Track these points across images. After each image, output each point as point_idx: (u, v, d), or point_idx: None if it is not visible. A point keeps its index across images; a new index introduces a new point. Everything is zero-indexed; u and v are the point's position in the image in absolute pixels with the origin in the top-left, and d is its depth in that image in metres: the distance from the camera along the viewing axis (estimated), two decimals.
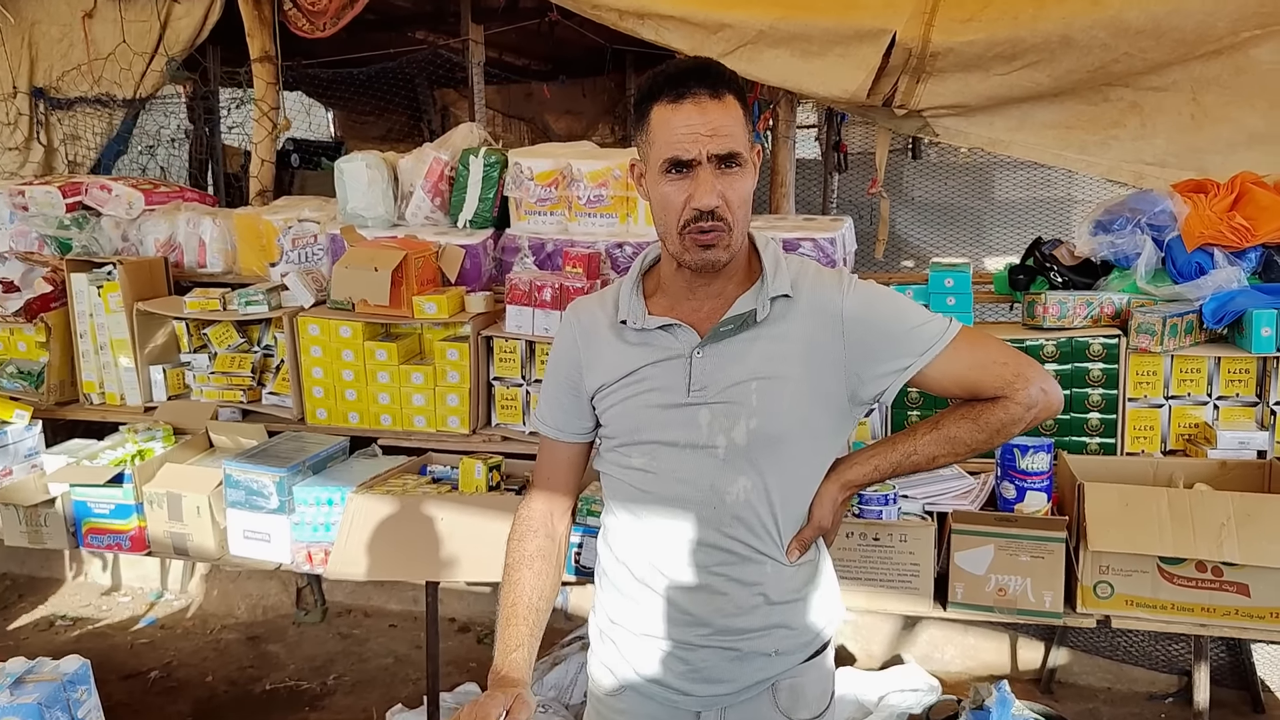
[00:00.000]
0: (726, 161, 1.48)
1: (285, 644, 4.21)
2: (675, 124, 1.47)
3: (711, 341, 1.57)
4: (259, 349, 3.60)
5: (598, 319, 1.68)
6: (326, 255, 3.57)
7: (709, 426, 1.57)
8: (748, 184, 1.52)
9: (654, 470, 1.61)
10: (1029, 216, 6.35)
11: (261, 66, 4.31)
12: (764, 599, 1.61)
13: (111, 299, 3.54)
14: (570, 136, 7.56)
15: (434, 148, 3.57)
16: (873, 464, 1.64)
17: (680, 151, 1.47)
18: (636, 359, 1.61)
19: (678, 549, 1.61)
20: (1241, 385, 2.83)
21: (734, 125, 1.48)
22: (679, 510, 1.60)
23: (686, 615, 1.61)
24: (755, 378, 1.56)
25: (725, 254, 1.53)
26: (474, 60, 5.32)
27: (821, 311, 1.58)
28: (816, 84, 3.54)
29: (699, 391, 1.57)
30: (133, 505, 3.05)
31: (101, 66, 4.70)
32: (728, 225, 1.50)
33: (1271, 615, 2.38)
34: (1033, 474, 2.50)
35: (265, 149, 4.36)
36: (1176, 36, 3.23)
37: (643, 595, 1.65)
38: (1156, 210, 2.93)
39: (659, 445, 1.60)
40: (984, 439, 1.60)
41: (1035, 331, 2.88)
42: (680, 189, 1.48)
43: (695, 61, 1.50)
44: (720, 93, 1.48)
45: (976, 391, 1.60)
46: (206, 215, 3.84)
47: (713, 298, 1.60)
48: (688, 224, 1.49)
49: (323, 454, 3.12)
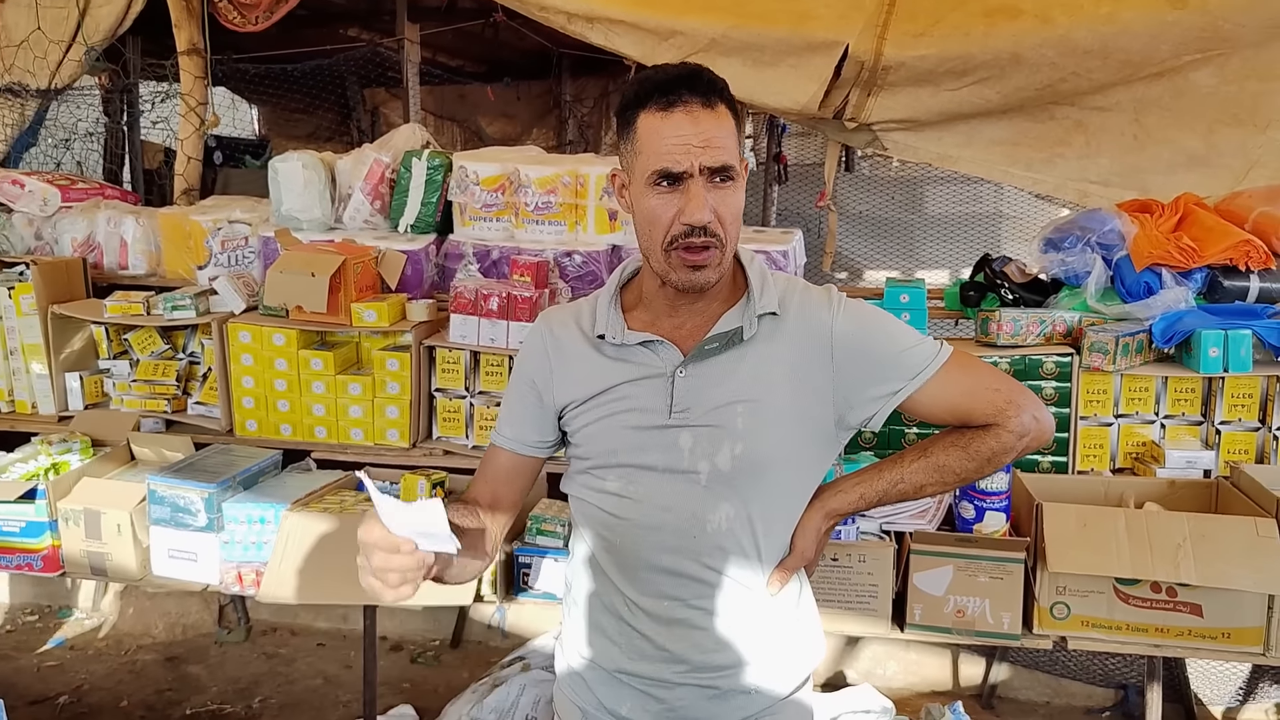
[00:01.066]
0: (719, 175, 1.39)
1: (207, 665, 4.01)
2: (665, 133, 1.38)
3: (695, 360, 1.49)
4: (185, 356, 3.42)
5: (572, 331, 1.59)
6: (258, 259, 3.42)
7: (691, 451, 1.48)
8: (739, 199, 1.43)
9: (630, 496, 1.51)
10: (959, 230, 6.44)
11: (189, 60, 4.12)
12: (744, 633, 1.53)
13: (24, 301, 3.32)
14: (505, 140, 7.46)
15: (374, 149, 3.44)
16: (858, 492, 1.57)
17: (670, 163, 1.38)
18: (614, 375, 1.52)
19: (655, 580, 1.52)
20: (1187, 404, 2.86)
21: (727, 136, 1.40)
22: (656, 539, 1.50)
23: (663, 651, 1.52)
24: (741, 400, 1.48)
25: (714, 274, 1.44)
26: (409, 60, 5.19)
27: (810, 331, 1.51)
28: (768, 95, 3.50)
29: (681, 413, 1.48)
30: (46, 523, 2.86)
31: (14, 54, 4.45)
32: (720, 242, 1.41)
33: (1223, 635, 2.39)
34: (992, 494, 2.47)
35: (192, 146, 4.16)
36: (1122, 58, 3.28)
37: (617, 630, 1.55)
38: (1105, 229, 2.95)
39: (636, 469, 1.51)
40: (974, 468, 1.54)
41: (989, 349, 2.87)
42: (669, 203, 1.39)
43: (687, 67, 1.42)
44: (713, 101, 1.40)
45: (967, 418, 1.54)
46: (129, 214, 3.64)
47: (696, 315, 1.52)
48: (675, 240, 1.40)
49: (254, 468, 2.96)
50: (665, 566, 1.51)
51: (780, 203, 5.93)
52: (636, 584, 1.53)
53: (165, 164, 5.49)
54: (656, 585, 1.52)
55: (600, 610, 1.58)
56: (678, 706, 1.54)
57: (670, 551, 1.50)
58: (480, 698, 3.26)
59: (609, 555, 1.55)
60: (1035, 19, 3.25)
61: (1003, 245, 6.11)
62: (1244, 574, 2.26)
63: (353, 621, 4.16)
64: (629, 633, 1.54)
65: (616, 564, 1.54)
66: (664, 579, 1.51)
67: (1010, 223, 6.32)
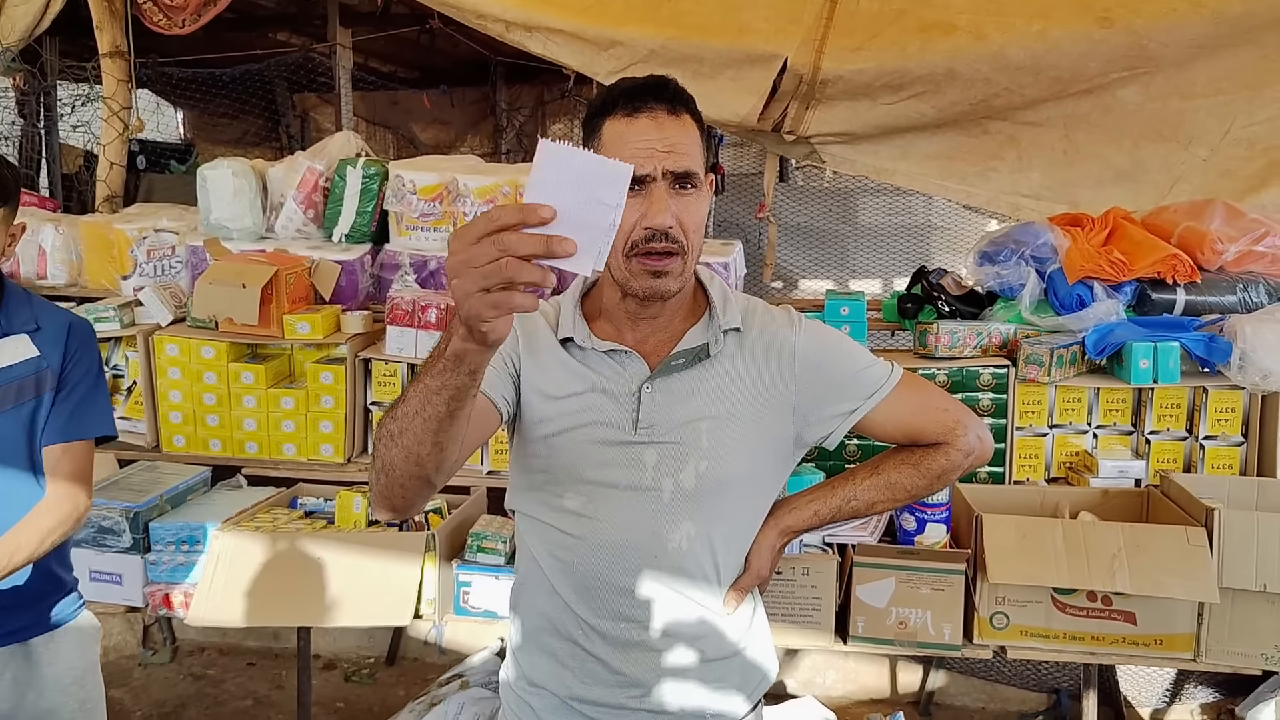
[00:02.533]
0: (682, 181, 1.37)
1: (130, 688, 3.87)
2: (630, 138, 1.36)
3: (661, 375, 1.46)
4: (108, 370, 3.29)
5: (538, 327, 1.52)
6: (186, 269, 3.31)
7: (655, 469, 1.45)
8: (703, 209, 1.41)
9: (590, 515, 1.46)
10: (890, 241, 6.52)
11: (112, 62, 3.99)
12: (701, 655, 1.50)
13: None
14: (438, 147, 7.38)
15: (307, 156, 3.36)
16: (812, 509, 1.58)
17: (635, 167, 1.35)
18: (581, 382, 1.47)
19: (612, 601, 1.48)
20: (1119, 414, 2.93)
21: (691, 144, 1.38)
22: (617, 560, 1.46)
23: (619, 676, 1.49)
24: (705, 417, 1.46)
25: (676, 283, 1.41)
26: (341, 66, 5.10)
27: (773, 349, 1.51)
28: (708, 106, 3.46)
29: (646, 429, 1.44)
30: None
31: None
32: (682, 249, 1.39)
33: (1155, 642, 2.44)
34: (933, 506, 2.49)
35: (115, 151, 4.03)
36: (1053, 74, 3.35)
37: (569, 653, 1.51)
38: (1039, 242, 3.01)
39: (597, 487, 1.46)
40: (924, 485, 1.57)
41: (927, 360, 2.90)
42: (632, 207, 1.35)
43: (654, 78, 1.41)
44: (678, 110, 1.38)
45: (918, 437, 1.57)
46: (48, 221, 3.50)
47: (659, 331, 1.49)
48: (637, 245, 1.37)
49: (181, 486, 2.86)
50: (624, 587, 1.47)
51: (718, 213, 5.95)
52: (593, 606, 1.48)
53: (85, 169, 5.32)
54: (614, 607, 1.48)
55: (551, 634, 1.53)
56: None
57: (630, 572, 1.46)
58: (417, 717, 3.19)
59: (564, 576, 1.49)
60: (970, 35, 3.31)
61: (933, 255, 6.21)
62: (1176, 582, 2.31)
63: (284, 640, 4.04)
64: (582, 656, 1.50)
65: (572, 585, 1.49)
66: (622, 600, 1.47)
67: (940, 233, 6.43)
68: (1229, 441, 2.84)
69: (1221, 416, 2.83)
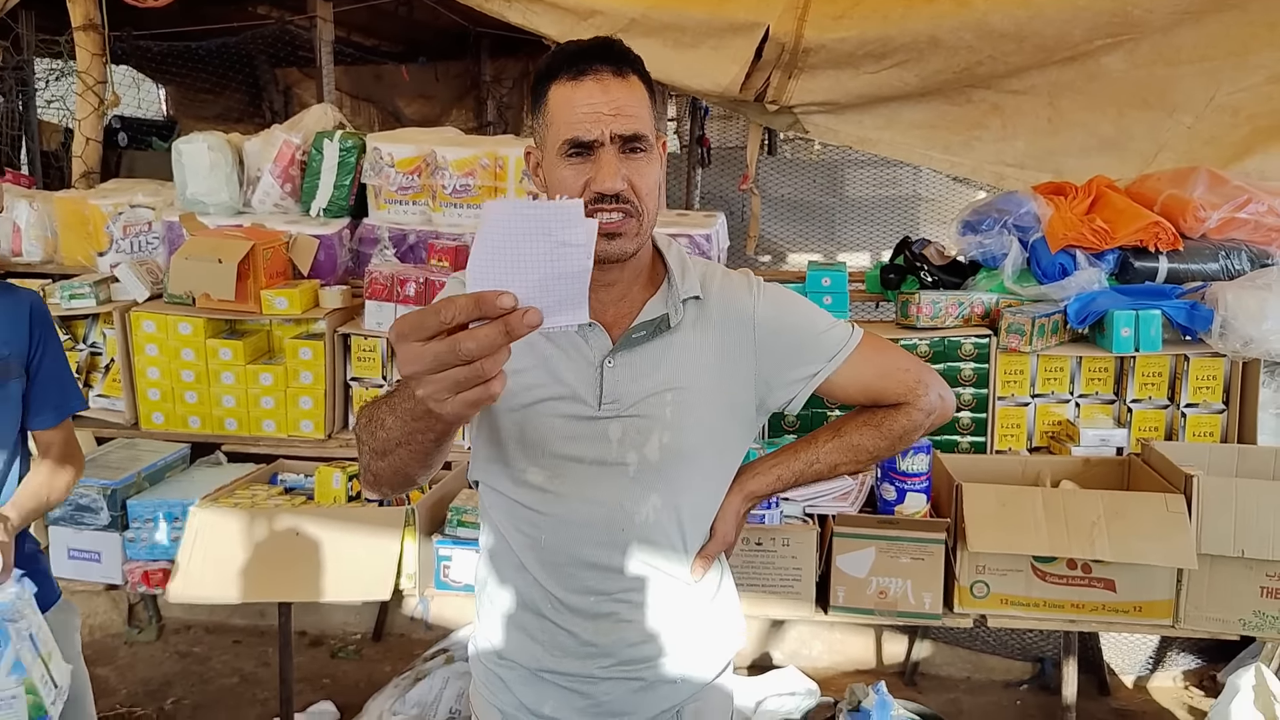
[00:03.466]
0: (631, 144, 1.35)
1: (116, 666, 3.86)
2: (576, 102, 1.33)
3: (623, 349, 1.44)
4: (85, 347, 3.27)
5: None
6: (163, 245, 3.28)
7: (620, 442, 1.43)
8: (655, 170, 1.38)
9: (555, 490, 1.44)
10: (878, 213, 6.50)
11: (85, 35, 3.93)
12: (670, 624, 1.50)
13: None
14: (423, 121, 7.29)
15: (284, 130, 3.32)
16: (775, 474, 1.57)
17: (580, 131, 1.33)
18: (543, 355, 1.43)
19: (581, 576, 1.47)
20: (1101, 383, 2.92)
21: (639, 106, 1.36)
22: (584, 534, 1.45)
23: (589, 646, 1.48)
24: (669, 388, 1.44)
25: (632, 244, 1.38)
26: (322, 38, 5.03)
27: (732, 316, 1.49)
28: (689, 76, 3.47)
29: (611, 404, 1.43)
30: None
31: None
32: (635, 210, 1.36)
33: (1134, 609, 2.44)
34: (913, 475, 2.49)
35: (90, 126, 3.98)
36: (1037, 41, 3.32)
37: (538, 627, 1.50)
38: (1022, 211, 2.99)
39: (563, 461, 1.43)
40: (886, 446, 1.57)
41: (909, 331, 2.89)
42: (580, 172, 1.34)
43: (598, 40, 1.38)
44: (624, 71, 1.36)
45: (880, 398, 1.56)
46: (22, 198, 3.46)
47: (617, 301, 1.46)
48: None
49: (160, 463, 2.85)
50: (592, 561, 1.46)
51: (703, 186, 5.91)
52: (562, 580, 1.47)
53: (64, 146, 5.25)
54: (582, 581, 1.47)
55: (520, 608, 1.52)
56: (603, 701, 1.50)
57: (598, 546, 1.46)
58: (402, 692, 3.20)
59: (531, 552, 1.48)
60: (953, 2, 3.27)
61: (920, 227, 6.18)
62: (1155, 549, 2.31)
63: (270, 618, 4.03)
64: (552, 629, 1.49)
65: (539, 560, 1.48)
66: (590, 574, 1.46)
67: (927, 205, 6.40)
68: (1210, 409, 2.83)
69: (1203, 384, 2.83)
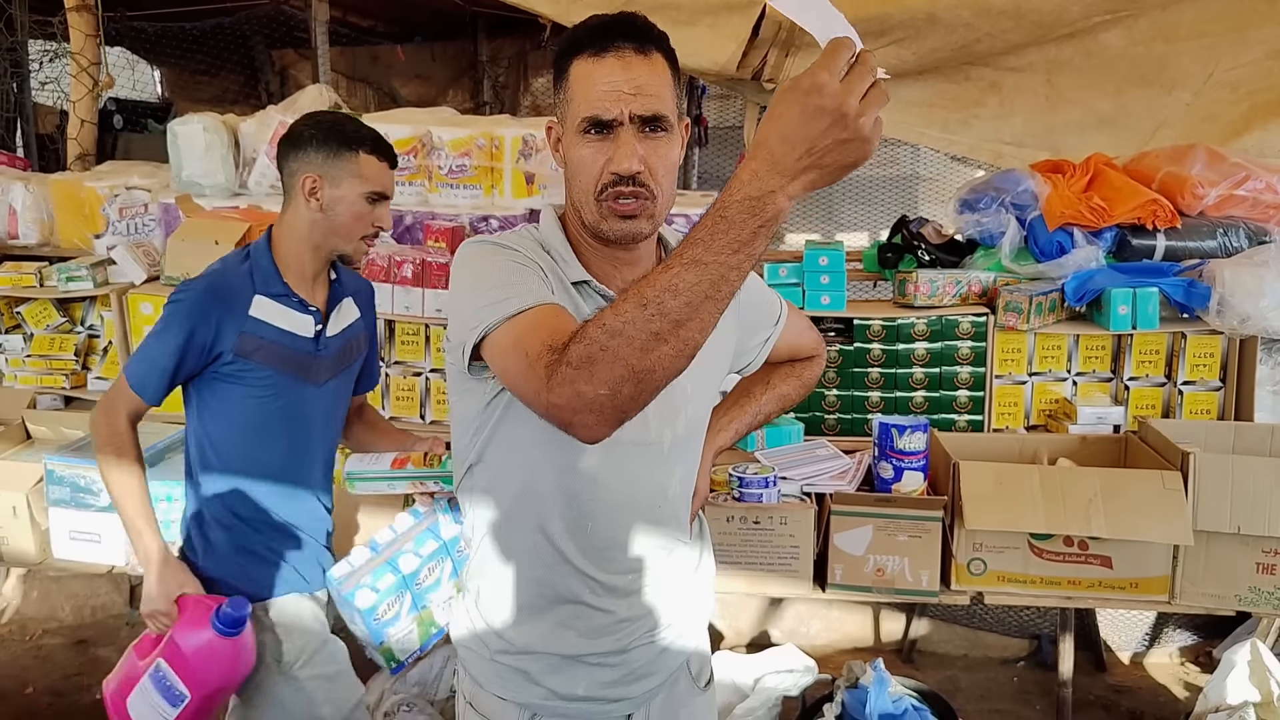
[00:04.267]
0: (650, 124, 1.33)
1: (117, 647, 3.87)
2: (596, 79, 1.31)
3: None
4: (83, 329, 3.27)
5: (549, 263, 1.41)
6: (159, 227, 3.28)
7: (656, 420, 1.44)
8: (674, 151, 1.37)
9: (606, 477, 1.42)
10: (877, 193, 6.48)
11: (78, 16, 3.91)
12: (680, 587, 1.58)
13: None
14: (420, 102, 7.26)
15: (279, 110, 3.31)
16: (733, 429, 1.77)
17: (600, 110, 1.31)
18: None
19: (621, 557, 1.47)
20: (1098, 362, 2.92)
21: (660, 85, 1.33)
22: (630, 517, 1.46)
23: (625, 623, 1.51)
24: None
25: (648, 225, 1.37)
26: (317, 19, 5.00)
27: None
28: (686, 54, 3.38)
29: None
30: None
31: None
32: (650, 193, 1.35)
33: (1131, 585, 2.45)
34: (910, 453, 2.49)
35: (85, 108, 3.96)
36: (1034, 19, 3.30)
37: (574, 615, 1.48)
38: (1019, 189, 2.98)
39: (612, 445, 1.28)
40: (801, 394, 1.84)
41: (907, 310, 2.89)
42: (599, 151, 1.33)
43: (624, 15, 1.35)
44: (647, 49, 1.33)
45: (796, 353, 1.79)
46: (18, 180, 3.45)
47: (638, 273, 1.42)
48: (605, 189, 1.33)
49: (160, 445, 2.85)
50: (633, 541, 1.48)
51: (700, 165, 5.90)
52: (604, 564, 1.47)
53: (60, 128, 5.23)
54: (623, 562, 1.48)
55: (553, 601, 1.48)
56: (634, 668, 1.54)
57: (637, 526, 1.48)
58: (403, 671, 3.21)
59: (573, 541, 1.45)
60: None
61: (920, 207, 6.17)
62: (1151, 525, 2.32)
63: None
64: (589, 613, 1.48)
65: (581, 548, 1.45)
66: (631, 554, 1.49)
67: (927, 184, 6.39)
68: (1207, 386, 2.84)
69: (1200, 362, 2.83)
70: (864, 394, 2.91)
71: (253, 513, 2.08)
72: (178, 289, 2.02)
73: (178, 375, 2.00)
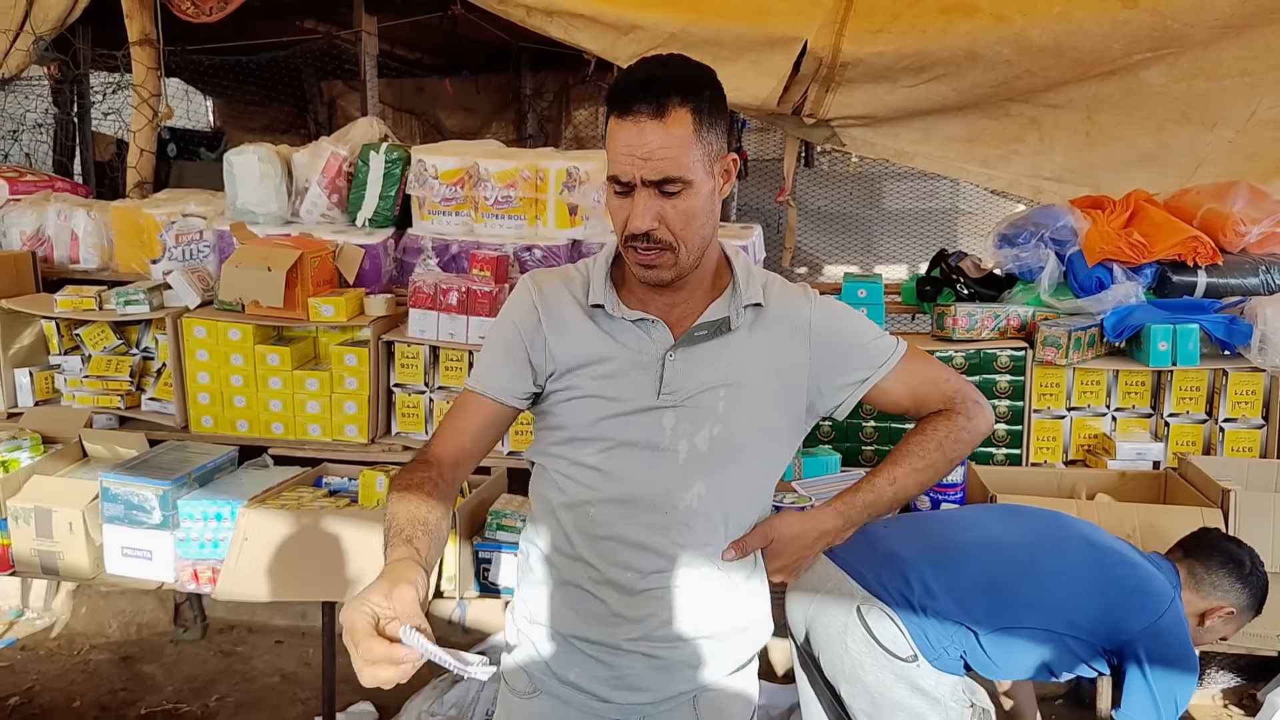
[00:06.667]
0: (663, 186, 1.42)
1: (162, 664, 3.95)
2: (618, 141, 1.42)
3: (684, 345, 1.53)
4: (138, 351, 3.37)
5: (563, 296, 1.59)
6: (213, 253, 3.37)
7: (673, 430, 1.53)
8: (695, 203, 1.44)
9: (608, 470, 1.54)
10: (916, 226, 6.51)
11: (141, 50, 4.05)
12: (697, 608, 1.57)
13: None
14: (465, 134, 7.40)
15: (331, 142, 3.40)
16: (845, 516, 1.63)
17: (619, 171, 1.43)
18: (608, 349, 1.54)
19: (623, 554, 1.55)
20: (1137, 397, 2.92)
21: (677, 148, 1.40)
22: (630, 513, 1.54)
23: (618, 617, 1.56)
24: (723, 384, 1.53)
25: (669, 273, 1.49)
26: (367, 53, 5.14)
27: (789, 321, 1.58)
28: (728, 90, 3.39)
29: (668, 395, 1.52)
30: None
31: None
32: (669, 246, 1.45)
33: None
34: (948, 487, 2.51)
35: (145, 138, 4.10)
36: (1075, 56, 3.33)
37: (576, 597, 1.58)
38: (1059, 225, 3.00)
39: (619, 445, 1.54)
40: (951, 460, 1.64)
41: (945, 343, 2.91)
42: (623, 206, 1.46)
43: (647, 71, 1.42)
44: (664, 110, 1.39)
45: (922, 404, 1.66)
46: (80, 207, 3.58)
47: (681, 303, 1.56)
48: (628, 239, 1.47)
49: (209, 465, 2.92)
50: (636, 541, 1.54)
51: (740, 198, 5.96)
52: (604, 556, 1.55)
53: (117, 156, 5.41)
54: (624, 558, 1.55)
55: (560, 580, 1.60)
56: (625, 674, 1.57)
57: (641, 526, 1.54)
58: (441, 693, 3.25)
59: (577, 529, 1.57)
60: (991, 17, 3.29)
61: (959, 240, 6.18)
62: None
63: (311, 619, 4.11)
64: (588, 599, 1.57)
65: (585, 536, 1.56)
66: (632, 553, 1.54)
67: (966, 218, 6.40)
68: (1249, 424, 2.82)
69: (1242, 399, 2.82)
70: (901, 426, 2.92)
71: None
72: None
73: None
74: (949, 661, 2.00)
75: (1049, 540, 2.09)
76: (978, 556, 2.05)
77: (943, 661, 1.99)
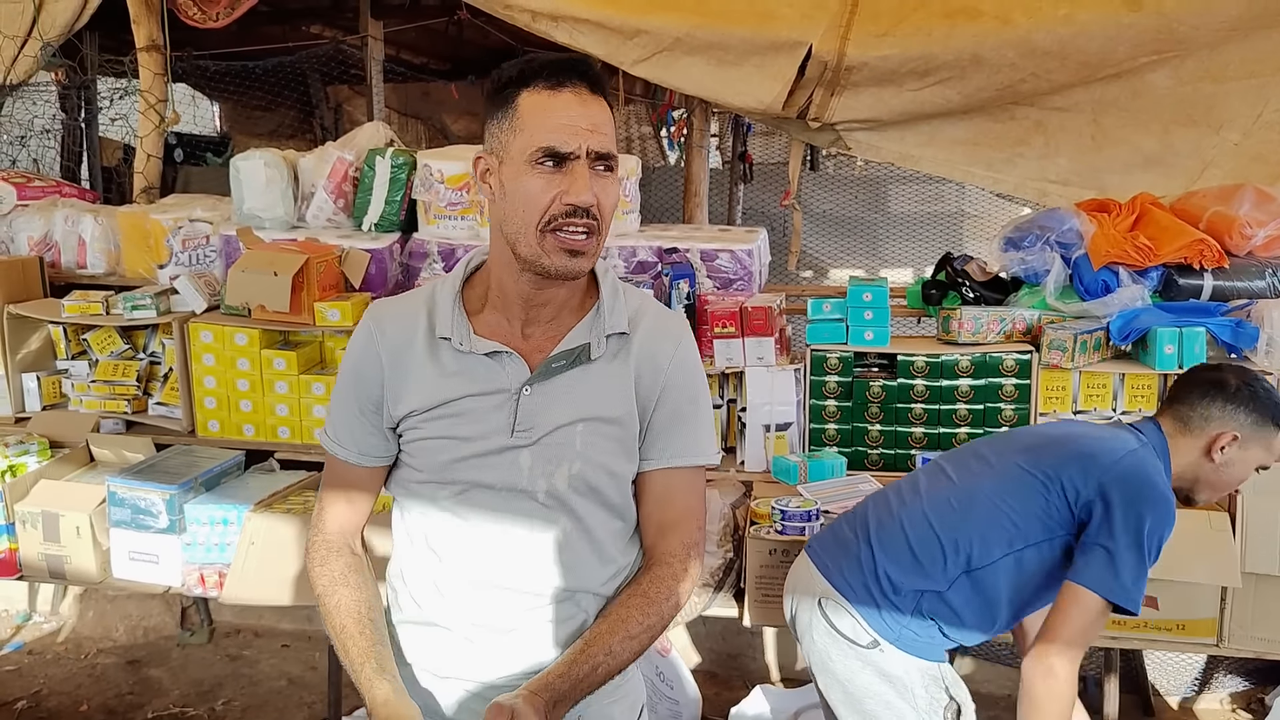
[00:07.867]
0: (602, 162, 1.38)
1: (169, 668, 3.97)
2: (554, 110, 1.35)
3: (541, 379, 1.45)
4: (145, 356, 3.37)
5: (408, 331, 1.49)
6: (220, 257, 3.38)
7: (530, 470, 1.45)
8: (618, 190, 1.43)
9: (464, 514, 1.47)
10: (922, 229, 6.49)
11: (148, 56, 4.07)
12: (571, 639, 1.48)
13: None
14: (470, 138, 7.41)
15: (337, 147, 3.41)
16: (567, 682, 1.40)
17: (559, 142, 1.34)
18: (456, 388, 1.45)
19: (485, 595, 1.48)
20: (1144, 400, 2.91)
21: (610, 127, 1.38)
22: (490, 555, 1.47)
23: (492, 657, 1.49)
24: (581, 419, 1.46)
25: (588, 262, 1.41)
26: (373, 57, 5.15)
27: (651, 359, 1.50)
28: (732, 94, 3.52)
29: (523, 432, 1.45)
30: (2, 525, 2.82)
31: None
32: (598, 229, 1.39)
33: (1177, 627, 2.44)
34: None
35: (151, 143, 4.11)
36: (1080, 59, 3.32)
37: (440, 637, 1.51)
38: (1064, 228, 3.00)
39: (475, 487, 1.46)
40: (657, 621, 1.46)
41: (950, 346, 2.91)
42: (551, 183, 1.35)
43: (573, 56, 1.41)
44: (598, 91, 1.39)
45: (661, 527, 1.52)
46: (87, 212, 3.59)
47: (545, 322, 1.48)
48: (555, 220, 1.36)
49: (216, 469, 2.94)
50: (498, 582, 1.48)
51: (745, 202, 5.96)
52: (466, 596, 1.49)
53: (124, 161, 5.42)
54: (487, 599, 1.48)
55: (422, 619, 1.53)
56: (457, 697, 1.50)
57: (504, 567, 1.47)
58: None
59: (439, 567, 1.50)
60: (995, 20, 3.29)
61: (965, 244, 6.17)
62: (1198, 566, 2.31)
63: (317, 623, 4.09)
64: (454, 640, 1.50)
65: (448, 577, 1.49)
66: (495, 594, 1.48)
67: (972, 221, 6.38)
68: None
69: None
70: (907, 429, 2.92)
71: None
72: None
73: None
74: (917, 643, 2.02)
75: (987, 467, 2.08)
76: (916, 517, 2.06)
77: (908, 642, 2.01)
